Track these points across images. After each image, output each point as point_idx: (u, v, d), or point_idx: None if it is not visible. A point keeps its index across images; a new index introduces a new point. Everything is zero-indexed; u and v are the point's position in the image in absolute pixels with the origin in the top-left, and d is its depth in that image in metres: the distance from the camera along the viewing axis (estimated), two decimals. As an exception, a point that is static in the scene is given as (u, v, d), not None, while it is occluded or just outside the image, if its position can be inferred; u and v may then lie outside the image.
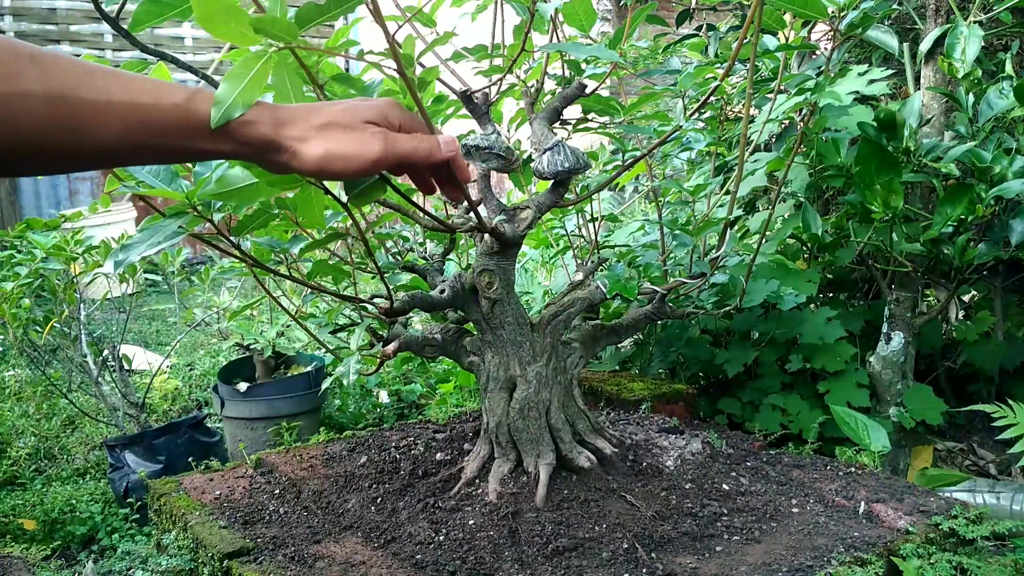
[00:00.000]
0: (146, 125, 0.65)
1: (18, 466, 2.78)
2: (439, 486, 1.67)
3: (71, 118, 0.61)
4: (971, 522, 1.56)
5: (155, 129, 0.65)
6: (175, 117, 0.66)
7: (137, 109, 0.64)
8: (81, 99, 0.61)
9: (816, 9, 1.45)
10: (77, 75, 0.62)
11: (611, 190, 4.19)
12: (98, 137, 0.63)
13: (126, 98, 0.63)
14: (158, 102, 0.65)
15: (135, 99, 0.64)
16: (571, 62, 1.63)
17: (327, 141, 0.72)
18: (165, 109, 0.65)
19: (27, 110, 0.59)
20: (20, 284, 2.48)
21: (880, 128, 2.10)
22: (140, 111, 0.64)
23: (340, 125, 0.73)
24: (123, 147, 0.65)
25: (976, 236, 2.24)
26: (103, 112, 0.62)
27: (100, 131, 0.63)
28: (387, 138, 0.75)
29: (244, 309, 2.05)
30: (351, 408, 3.17)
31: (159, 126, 0.65)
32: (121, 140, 0.64)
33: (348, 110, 0.74)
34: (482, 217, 1.44)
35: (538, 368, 1.61)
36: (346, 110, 0.74)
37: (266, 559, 1.47)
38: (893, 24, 2.80)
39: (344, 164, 0.73)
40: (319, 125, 0.72)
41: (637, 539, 1.45)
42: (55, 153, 0.63)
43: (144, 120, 0.64)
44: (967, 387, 2.75)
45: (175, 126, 0.66)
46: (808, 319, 2.35)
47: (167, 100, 0.65)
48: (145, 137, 0.65)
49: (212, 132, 0.67)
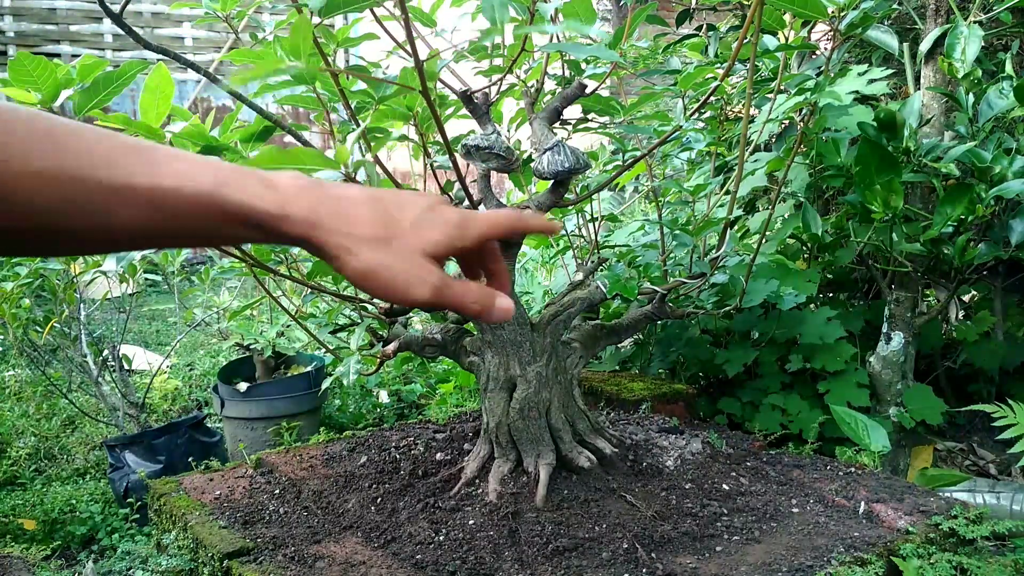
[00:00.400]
0: (169, 212, 0.59)
1: (18, 466, 2.78)
2: (439, 486, 1.67)
3: (88, 201, 0.56)
4: (971, 522, 1.56)
5: (178, 216, 0.59)
6: (201, 204, 0.59)
7: (157, 193, 0.58)
8: (99, 180, 0.56)
9: (816, 9, 1.45)
10: (97, 152, 0.57)
11: (611, 190, 4.19)
12: (117, 221, 0.58)
13: (148, 181, 0.58)
14: (183, 186, 0.59)
15: (159, 182, 0.58)
16: (571, 62, 1.63)
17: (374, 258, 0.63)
18: (190, 195, 0.59)
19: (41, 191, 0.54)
20: (20, 284, 2.48)
21: (880, 128, 2.09)
22: (161, 196, 0.58)
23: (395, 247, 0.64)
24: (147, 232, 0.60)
25: (976, 236, 2.24)
26: (123, 195, 0.57)
27: (119, 216, 0.58)
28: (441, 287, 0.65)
29: (244, 309, 2.05)
30: (351, 408, 3.17)
31: (183, 214, 0.59)
32: (144, 225, 0.59)
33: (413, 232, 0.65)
34: (482, 217, 1.44)
35: (538, 368, 1.61)
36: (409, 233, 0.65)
37: (266, 559, 1.47)
38: (893, 24, 2.80)
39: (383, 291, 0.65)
40: (368, 237, 0.63)
41: (637, 539, 1.45)
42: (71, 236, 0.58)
43: (167, 206, 0.59)
44: (967, 387, 2.75)
45: (201, 214, 0.60)
46: (808, 319, 2.35)
47: (191, 186, 0.59)
48: (169, 224, 0.59)
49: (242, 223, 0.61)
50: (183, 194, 0.58)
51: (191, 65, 1.44)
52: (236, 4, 1.39)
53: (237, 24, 1.42)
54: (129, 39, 1.36)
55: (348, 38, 1.28)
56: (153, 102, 1.34)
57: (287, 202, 0.61)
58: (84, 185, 0.56)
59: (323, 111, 1.44)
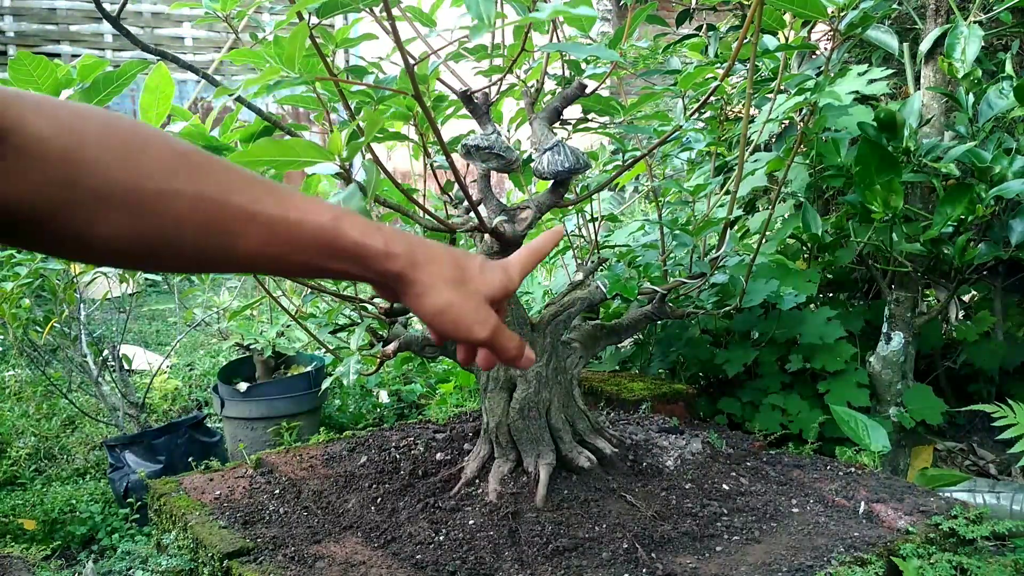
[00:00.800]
0: (288, 240, 0.65)
1: (18, 466, 2.78)
2: (439, 486, 1.67)
3: (218, 222, 0.61)
4: (971, 522, 1.56)
5: (296, 245, 0.65)
6: (318, 237, 0.66)
7: (284, 223, 0.64)
8: (231, 204, 0.61)
9: (816, 9, 1.45)
10: (230, 179, 0.62)
11: (611, 190, 4.19)
12: (241, 244, 0.63)
13: (276, 211, 0.63)
14: (305, 219, 0.65)
15: (285, 213, 0.64)
16: (571, 62, 1.63)
17: (451, 297, 0.72)
18: (310, 228, 0.65)
19: (175, 209, 0.59)
20: (20, 284, 2.48)
21: (880, 128, 2.09)
22: (286, 226, 0.64)
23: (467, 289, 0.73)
24: (262, 257, 0.65)
25: (976, 236, 2.24)
26: (250, 221, 0.62)
27: (244, 239, 0.63)
28: (497, 328, 0.75)
29: (244, 309, 2.05)
30: (351, 408, 3.17)
31: (301, 243, 0.65)
32: (261, 251, 0.64)
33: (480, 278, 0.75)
34: (482, 217, 1.44)
35: (538, 368, 1.61)
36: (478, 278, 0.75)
37: (266, 559, 1.47)
38: (893, 24, 2.79)
39: (452, 327, 0.73)
40: (449, 278, 0.72)
41: (637, 539, 1.45)
42: (195, 254, 0.62)
43: (288, 235, 0.64)
44: (967, 387, 2.75)
45: (316, 246, 0.66)
46: (808, 319, 2.35)
47: (314, 219, 0.65)
48: (285, 251, 0.65)
49: (352, 258, 0.68)
50: (306, 226, 0.65)
51: (189, 67, 1.44)
52: (236, 4, 1.39)
53: (237, 24, 1.42)
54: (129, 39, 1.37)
55: (347, 39, 1.28)
56: (153, 102, 1.34)
57: (391, 242, 0.69)
58: (219, 208, 0.61)
59: (323, 111, 1.44)
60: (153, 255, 0.62)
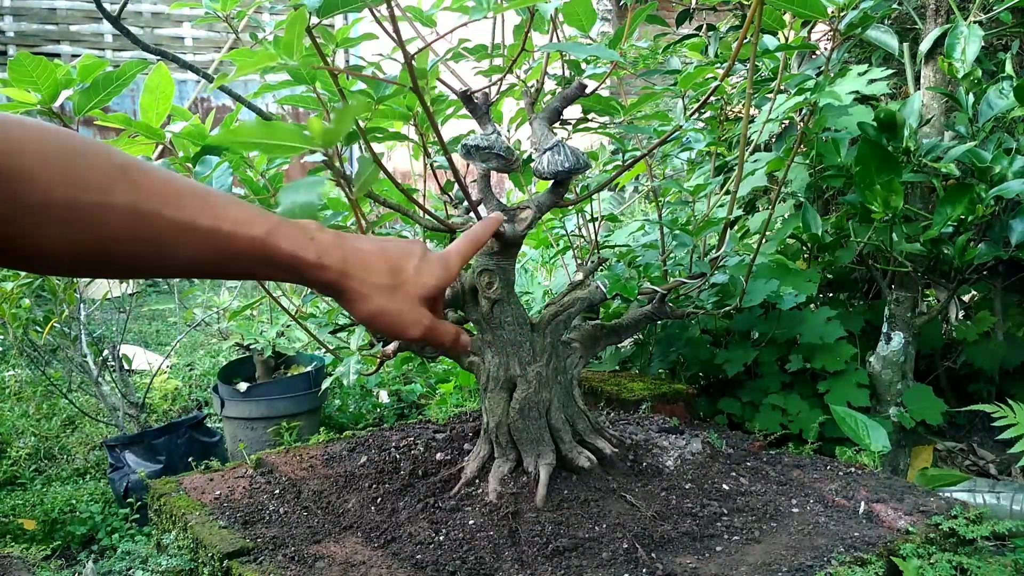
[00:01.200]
0: (222, 251, 0.67)
1: (18, 466, 2.78)
2: (439, 486, 1.67)
3: (153, 235, 0.63)
4: (971, 522, 1.56)
5: (229, 256, 0.68)
6: (252, 248, 0.68)
7: (217, 236, 0.66)
8: (165, 218, 0.63)
9: (816, 9, 1.45)
10: (165, 193, 0.63)
11: (611, 190, 4.19)
12: (174, 255, 0.65)
13: (208, 223, 0.65)
14: (237, 231, 0.67)
15: (217, 225, 0.66)
16: (571, 62, 1.63)
17: (382, 304, 0.76)
18: (243, 240, 0.67)
19: (111, 222, 0.60)
20: (20, 284, 2.48)
21: (880, 128, 2.09)
22: (219, 238, 0.66)
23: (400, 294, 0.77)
24: (195, 267, 0.67)
25: (976, 236, 2.24)
26: (183, 233, 0.64)
27: (177, 250, 0.65)
28: (430, 328, 0.80)
29: (244, 309, 2.05)
30: (351, 408, 3.17)
31: (234, 254, 0.68)
32: (195, 260, 0.66)
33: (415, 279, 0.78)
34: (482, 217, 1.44)
35: (538, 368, 1.61)
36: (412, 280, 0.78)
37: (266, 559, 1.47)
38: (893, 24, 2.80)
39: (387, 330, 0.79)
40: (381, 285, 0.76)
41: (637, 539, 1.45)
42: (131, 264, 0.64)
43: (221, 247, 0.67)
44: (967, 387, 2.75)
45: (249, 257, 0.69)
46: (808, 319, 2.35)
47: (246, 232, 0.67)
48: (219, 261, 0.67)
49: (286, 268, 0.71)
50: (239, 238, 0.67)
51: (189, 66, 1.44)
52: (236, 4, 1.39)
53: (237, 24, 1.42)
54: (129, 39, 1.37)
55: (347, 38, 1.28)
56: (153, 102, 1.34)
57: (324, 253, 0.73)
58: (153, 221, 0.63)
59: (323, 111, 1.44)
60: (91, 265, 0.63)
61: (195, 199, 0.65)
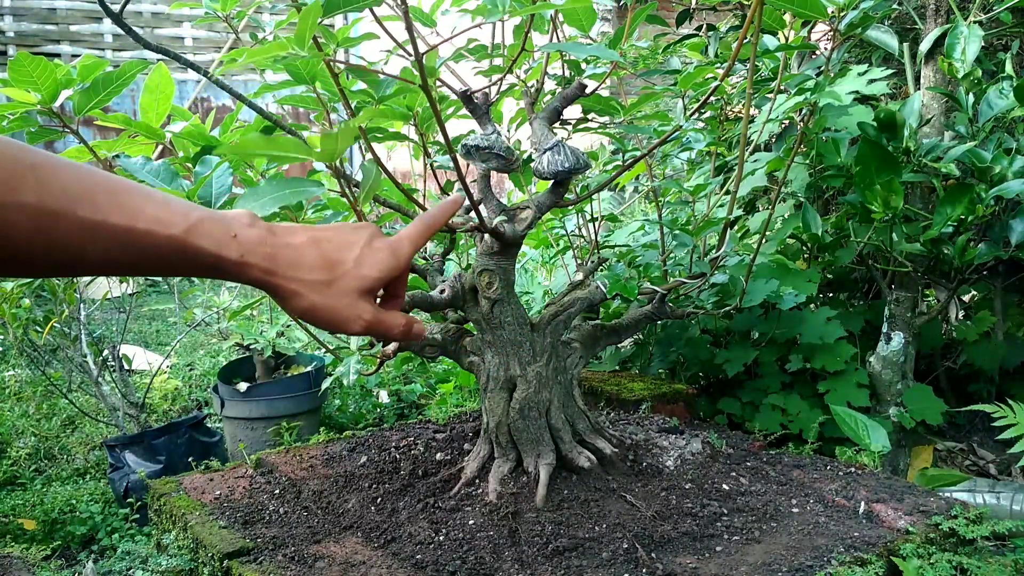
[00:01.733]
0: (138, 250, 0.64)
1: (18, 466, 2.78)
2: (439, 486, 1.67)
3: (64, 235, 0.60)
4: (971, 522, 1.56)
5: (146, 254, 0.65)
6: (170, 247, 0.66)
7: (131, 234, 0.63)
8: (75, 217, 0.61)
9: (816, 9, 1.45)
10: (76, 191, 0.61)
11: (611, 190, 4.19)
12: (89, 254, 0.62)
13: (122, 222, 0.63)
14: (153, 230, 0.64)
15: (132, 224, 0.63)
16: (571, 62, 1.63)
17: (314, 300, 0.73)
18: (160, 239, 0.65)
19: (20, 222, 0.58)
20: (20, 284, 2.47)
21: (880, 128, 2.09)
22: (134, 236, 0.64)
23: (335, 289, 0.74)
24: (112, 264, 0.65)
25: (976, 236, 2.24)
26: (96, 232, 0.62)
27: (91, 248, 0.62)
28: (372, 321, 0.76)
29: (244, 309, 2.05)
30: (351, 408, 3.17)
31: (151, 252, 0.65)
32: (111, 258, 0.64)
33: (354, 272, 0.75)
34: (482, 217, 1.44)
35: (538, 368, 1.61)
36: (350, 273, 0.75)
37: (266, 559, 1.47)
38: (893, 24, 2.80)
39: (324, 326, 0.76)
40: (313, 281, 0.73)
41: (637, 539, 1.45)
42: (47, 264, 0.62)
43: (137, 245, 0.64)
44: (967, 387, 2.75)
45: (169, 255, 0.66)
46: (808, 319, 2.35)
47: (163, 231, 0.65)
48: (136, 259, 0.65)
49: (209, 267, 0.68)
50: (154, 237, 0.65)
51: (191, 65, 1.44)
52: (236, 4, 1.39)
53: (237, 24, 1.42)
54: (129, 39, 1.36)
55: (348, 38, 1.28)
56: (153, 102, 1.34)
57: (248, 251, 0.70)
58: (63, 220, 0.60)
59: (323, 111, 1.44)
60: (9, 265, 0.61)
61: (110, 196, 0.63)
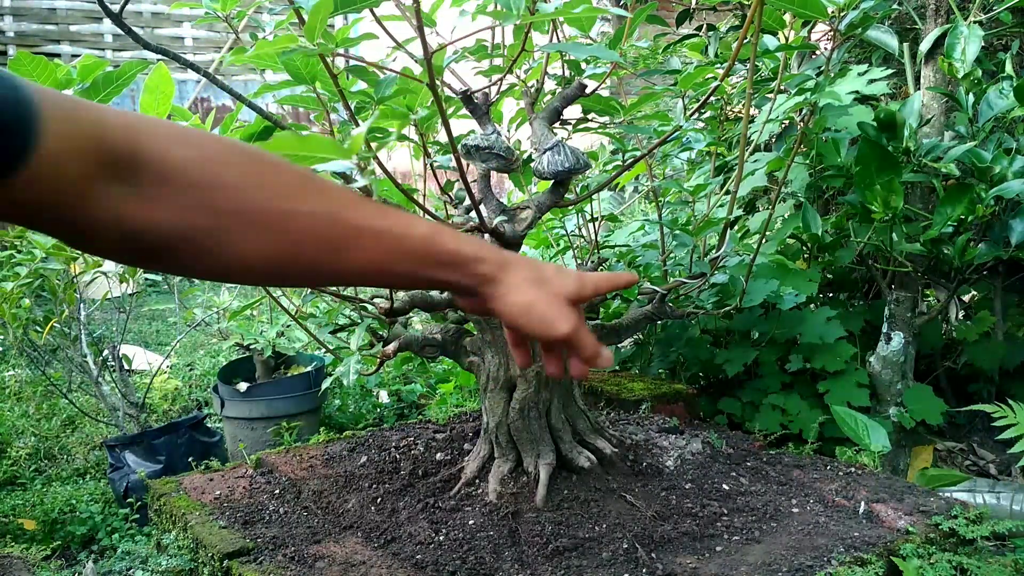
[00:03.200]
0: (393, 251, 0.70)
1: (18, 466, 2.78)
2: (439, 486, 1.67)
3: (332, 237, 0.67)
4: (971, 522, 1.56)
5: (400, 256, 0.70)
6: (419, 247, 0.71)
7: (390, 235, 0.69)
8: (344, 219, 0.67)
9: (816, 9, 1.45)
10: (342, 197, 0.68)
11: (611, 190, 4.19)
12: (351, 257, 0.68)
13: (382, 225, 0.69)
14: (407, 232, 0.71)
15: (389, 227, 0.69)
16: (571, 62, 1.63)
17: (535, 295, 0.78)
18: (413, 239, 0.71)
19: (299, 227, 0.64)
20: (20, 284, 2.47)
21: (880, 128, 2.09)
22: (391, 238, 0.70)
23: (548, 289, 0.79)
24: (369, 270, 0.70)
25: (976, 236, 2.24)
26: (360, 235, 0.68)
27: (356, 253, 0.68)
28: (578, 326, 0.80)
29: (244, 309, 2.05)
30: (351, 408, 3.17)
31: (404, 254, 0.71)
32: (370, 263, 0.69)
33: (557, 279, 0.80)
34: (482, 217, 1.44)
35: (538, 368, 1.61)
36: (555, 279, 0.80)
37: (266, 559, 1.47)
38: (893, 24, 2.79)
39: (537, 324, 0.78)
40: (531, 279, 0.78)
41: (637, 539, 1.45)
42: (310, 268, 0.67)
43: (393, 247, 0.70)
44: (967, 387, 2.74)
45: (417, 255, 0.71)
46: (808, 319, 2.35)
47: (416, 231, 0.71)
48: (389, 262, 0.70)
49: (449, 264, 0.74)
50: (409, 237, 0.71)
51: (191, 65, 1.44)
52: (236, 4, 1.39)
53: (237, 24, 1.42)
54: (129, 39, 1.37)
55: (347, 38, 1.28)
56: (153, 102, 1.34)
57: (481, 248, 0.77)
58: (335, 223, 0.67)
59: (323, 111, 1.44)
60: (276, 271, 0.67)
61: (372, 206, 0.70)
